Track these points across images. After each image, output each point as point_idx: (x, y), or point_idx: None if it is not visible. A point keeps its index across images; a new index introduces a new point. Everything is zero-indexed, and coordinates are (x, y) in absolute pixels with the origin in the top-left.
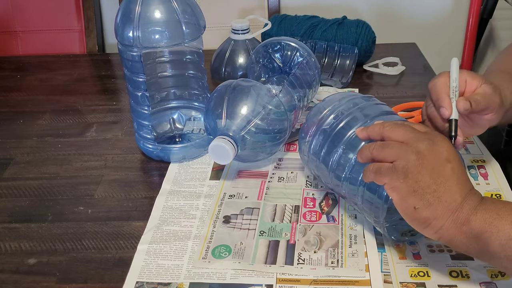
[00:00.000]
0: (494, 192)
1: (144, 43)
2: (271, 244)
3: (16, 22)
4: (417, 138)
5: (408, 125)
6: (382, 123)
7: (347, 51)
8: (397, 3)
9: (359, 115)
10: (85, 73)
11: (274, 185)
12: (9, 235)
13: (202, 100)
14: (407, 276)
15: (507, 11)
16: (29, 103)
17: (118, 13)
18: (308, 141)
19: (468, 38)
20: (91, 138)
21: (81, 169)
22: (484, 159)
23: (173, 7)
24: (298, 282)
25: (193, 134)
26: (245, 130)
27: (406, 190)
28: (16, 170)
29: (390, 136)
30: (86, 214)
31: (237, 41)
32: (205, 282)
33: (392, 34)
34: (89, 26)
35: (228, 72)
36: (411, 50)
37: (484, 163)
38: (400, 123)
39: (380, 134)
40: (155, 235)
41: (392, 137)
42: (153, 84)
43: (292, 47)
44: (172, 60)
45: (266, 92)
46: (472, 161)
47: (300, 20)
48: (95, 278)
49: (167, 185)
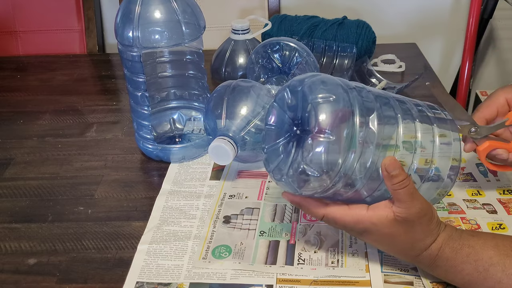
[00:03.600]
0: (506, 188)
1: (144, 43)
2: (271, 244)
3: (16, 22)
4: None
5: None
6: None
7: (346, 50)
8: (397, 3)
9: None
10: (85, 73)
11: (274, 185)
12: (9, 235)
13: (202, 101)
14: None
15: (507, 11)
16: (29, 103)
17: (118, 13)
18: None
19: (468, 38)
20: (91, 138)
21: (81, 169)
22: None
23: (173, 7)
24: (298, 282)
25: (193, 134)
26: (245, 130)
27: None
28: (17, 170)
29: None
30: (86, 214)
31: (237, 41)
32: (205, 282)
33: (392, 34)
34: (89, 26)
35: (228, 72)
36: (411, 50)
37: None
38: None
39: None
40: (155, 235)
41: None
42: (153, 84)
43: (291, 47)
44: (172, 60)
45: (266, 93)
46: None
47: (300, 20)
48: (95, 278)
49: (167, 185)
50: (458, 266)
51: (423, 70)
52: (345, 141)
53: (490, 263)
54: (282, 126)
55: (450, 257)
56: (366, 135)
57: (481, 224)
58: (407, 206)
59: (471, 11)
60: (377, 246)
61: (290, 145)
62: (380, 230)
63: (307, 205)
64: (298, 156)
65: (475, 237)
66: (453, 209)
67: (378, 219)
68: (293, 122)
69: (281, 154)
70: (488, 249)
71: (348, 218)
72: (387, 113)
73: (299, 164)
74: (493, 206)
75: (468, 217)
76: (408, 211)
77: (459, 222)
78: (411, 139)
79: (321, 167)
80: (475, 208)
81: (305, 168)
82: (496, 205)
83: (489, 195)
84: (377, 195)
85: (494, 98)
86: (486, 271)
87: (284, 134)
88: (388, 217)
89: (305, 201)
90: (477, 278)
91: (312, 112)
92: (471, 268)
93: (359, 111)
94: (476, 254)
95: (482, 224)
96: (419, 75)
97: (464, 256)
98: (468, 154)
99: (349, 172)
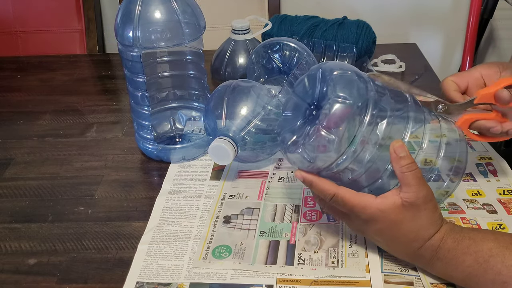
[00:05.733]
0: (506, 188)
1: (144, 43)
2: (271, 244)
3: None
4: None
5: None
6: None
7: (346, 50)
8: (397, 3)
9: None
10: (86, 73)
11: (274, 185)
12: (10, 235)
13: (202, 101)
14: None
15: (507, 11)
16: (30, 103)
17: (118, 14)
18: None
19: (469, 38)
20: (91, 138)
21: (81, 169)
22: (490, 156)
23: (173, 7)
24: (298, 283)
25: (193, 135)
26: (245, 130)
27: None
28: (17, 170)
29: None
30: (86, 214)
31: (237, 41)
32: (205, 282)
33: (392, 34)
34: (89, 26)
35: (229, 73)
36: (411, 50)
37: (491, 160)
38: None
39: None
40: (155, 235)
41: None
42: (153, 84)
43: (291, 48)
44: (172, 60)
45: (266, 93)
46: (479, 158)
47: (300, 20)
48: (95, 278)
49: (167, 185)
50: (459, 257)
51: (423, 70)
52: (360, 106)
53: (490, 254)
54: (299, 112)
55: (452, 248)
56: (377, 114)
57: (481, 224)
58: (415, 190)
59: (471, 11)
60: (380, 238)
61: (307, 125)
62: (387, 217)
63: (319, 182)
64: (316, 123)
65: (475, 231)
66: (453, 209)
67: (386, 206)
68: (309, 106)
69: (298, 131)
70: (488, 242)
71: (356, 201)
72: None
73: (317, 130)
74: (493, 206)
75: (468, 217)
76: (416, 195)
77: (459, 222)
78: (412, 139)
79: (338, 127)
80: (475, 208)
81: (322, 133)
82: (496, 205)
83: (489, 195)
84: (376, 186)
85: (469, 71)
86: (486, 262)
87: (302, 117)
88: (396, 203)
89: (318, 179)
90: (478, 270)
91: (330, 84)
92: (472, 259)
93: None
94: (476, 246)
95: (482, 224)
96: (419, 75)
97: (465, 247)
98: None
99: (364, 138)
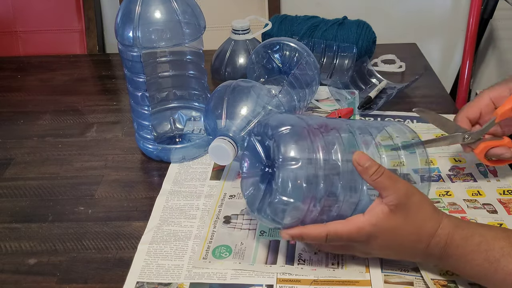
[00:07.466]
0: (506, 188)
1: (144, 43)
2: (271, 244)
3: (16, 23)
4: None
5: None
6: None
7: (346, 50)
8: (397, 3)
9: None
10: (86, 73)
11: None
12: (10, 235)
13: (202, 101)
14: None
15: (507, 11)
16: (30, 103)
17: (119, 13)
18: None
19: (469, 39)
20: (91, 138)
21: (81, 169)
22: None
23: (173, 7)
24: (298, 282)
25: (193, 135)
26: (245, 130)
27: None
28: (17, 170)
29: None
30: (86, 214)
31: (237, 41)
32: (205, 282)
33: (392, 34)
34: (89, 26)
35: (229, 73)
36: (411, 50)
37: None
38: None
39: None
40: (155, 235)
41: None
42: (153, 84)
43: (291, 48)
44: (172, 60)
45: (266, 93)
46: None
47: (300, 20)
48: (96, 278)
49: (167, 185)
50: (468, 255)
51: (423, 70)
52: (312, 160)
53: (501, 254)
54: (255, 170)
55: (460, 245)
56: (328, 156)
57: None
58: (393, 190)
59: (471, 11)
60: (388, 251)
61: (265, 184)
62: (382, 227)
63: (309, 232)
64: (272, 189)
65: (485, 227)
66: (454, 209)
67: (376, 218)
68: (262, 164)
69: (259, 194)
70: (500, 240)
71: (349, 228)
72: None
73: (274, 196)
74: (494, 206)
75: (468, 217)
76: (396, 194)
77: None
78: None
79: (296, 189)
80: (475, 208)
81: (283, 198)
82: (497, 205)
83: (489, 195)
84: (362, 206)
85: (478, 99)
86: (497, 261)
87: (259, 176)
88: (384, 211)
89: (305, 229)
90: (488, 270)
91: (275, 145)
92: (482, 258)
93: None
94: (487, 244)
95: None
96: (419, 75)
97: (475, 245)
98: (468, 155)
99: (323, 188)
